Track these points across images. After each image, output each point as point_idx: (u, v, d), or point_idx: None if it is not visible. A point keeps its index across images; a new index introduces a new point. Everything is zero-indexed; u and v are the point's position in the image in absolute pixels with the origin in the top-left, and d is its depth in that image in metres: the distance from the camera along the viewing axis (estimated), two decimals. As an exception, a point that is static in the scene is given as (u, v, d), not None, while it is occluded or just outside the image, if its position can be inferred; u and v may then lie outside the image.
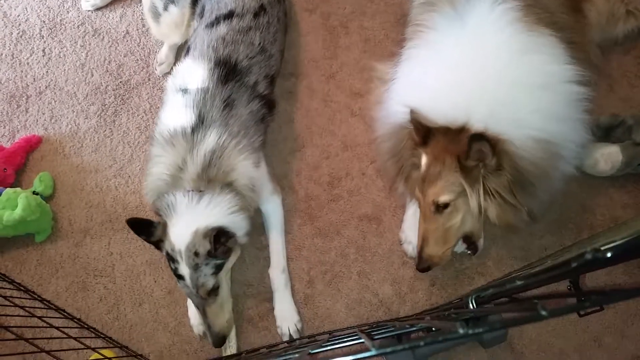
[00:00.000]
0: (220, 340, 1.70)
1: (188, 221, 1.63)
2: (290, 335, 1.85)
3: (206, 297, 1.64)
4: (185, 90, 1.82)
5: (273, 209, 1.95)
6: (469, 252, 1.79)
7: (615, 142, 1.95)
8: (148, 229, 1.65)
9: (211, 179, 1.69)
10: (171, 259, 1.63)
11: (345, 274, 1.96)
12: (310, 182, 2.11)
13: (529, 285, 0.85)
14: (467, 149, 1.49)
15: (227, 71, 1.83)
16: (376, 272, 1.96)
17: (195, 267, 1.60)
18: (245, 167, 1.76)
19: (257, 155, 1.83)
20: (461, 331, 0.72)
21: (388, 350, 0.75)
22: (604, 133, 1.99)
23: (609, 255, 0.64)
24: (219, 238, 1.60)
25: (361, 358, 0.73)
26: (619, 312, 1.84)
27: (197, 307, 1.69)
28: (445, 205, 1.62)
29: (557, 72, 1.64)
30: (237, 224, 1.70)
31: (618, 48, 2.19)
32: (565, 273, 0.70)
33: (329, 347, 0.80)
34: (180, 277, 1.63)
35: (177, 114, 1.78)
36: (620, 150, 1.90)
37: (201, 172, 1.69)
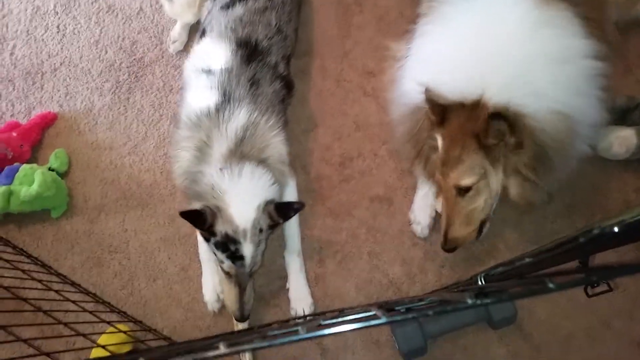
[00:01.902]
0: (247, 315, 1.72)
1: (246, 197, 1.60)
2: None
3: (252, 275, 1.66)
4: (208, 71, 1.81)
5: (289, 192, 1.95)
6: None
7: (630, 125, 1.93)
8: (201, 217, 1.57)
9: (245, 154, 1.67)
10: (231, 241, 1.58)
11: (355, 254, 1.98)
12: (322, 162, 2.12)
13: (538, 262, 0.85)
14: (486, 128, 1.48)
15: (249, 51, 1.83)
16: (386, 252, 1.97)
17: (258, 244, 1.60)
18: (278, 144, 1.78)
19: (284, 133, 1.84)
20: (469, 301, 0.73)
21: (398, 318, 0.76)
22: (620, 115, 1.97)
23: (616, 229, 0.65)
24: (289, 209, 1.61)
25: (370, 326, 0.74)
26: (629, 295, 1.84)
27: (239, 286, 1.65)
28: (468, 189, 1.62)
29: (574, 46, 1.61)
30: (276, 194, 1.69)
31: (636, 29, 2.15)
32: (574, 249, 0.71)
33: (339, 319, 0.82)
34: (239, 259, 1.60)
35: (202, 95, 1.77)
36: (635, 133, 1.88)
37: (234, 148, 1.67)
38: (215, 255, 1.65)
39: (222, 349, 0.67)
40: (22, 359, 1.63)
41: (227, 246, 1.59)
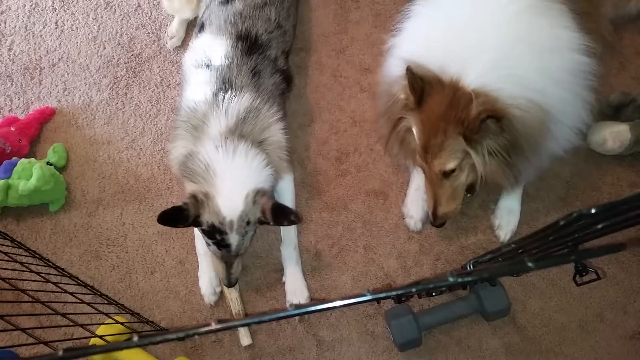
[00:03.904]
0: (234, 282, 1.78)
1: (235, 186, 1.59)
2: None
3: (238, 256, 1.70)
4: (208, 66, 1.83)
5: (286, 186, 1.97)
6: (468, 194, 1.81)
7: (624, 120, 1.95)
8: (182, 215, 1.56)
9: (244, 134, 1.68)
10: (217, 231, 1.59)
11: (351, 248, 2.00)
12: (319, 157, 2.13)
13: (523, 247, 0.87)
14: (477, 127, 1.48)
15: (249, 44, 1.86)
16: (382, 246, 1.99)
17: (244, 235, 1.62)
18: (278, 130, 1.80)
19: (284, 124, 1.87)
20: (451, 279, 0.75)
21: (382, 295, 0.78)
22: (614, 111, 1.99)
23: (593, 211, 0.67)
24: (285, 217, 1.59)
25: (357, 302, 0.76)
26: (622, 288, 1.86)
27: (225, 262, 1.70)
28: (452, 170, 1.64)
29: (564, 38, 1.61)
30: (269, 182, 1.70)
31: (631, 25, 2.17)
32: (555, 232, 0.72)
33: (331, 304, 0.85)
34: (225, 247, 1.62)
35: (202, 89, 1.79)
36: (629, 128, 1.90)
37: (234, 127, 1.68)
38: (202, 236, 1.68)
39: (214, 325, 0.69)
40: (21, 347, 1.65)
41: (213, 235, 1.61)
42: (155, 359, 1.80)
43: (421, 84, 1.54)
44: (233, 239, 1.61)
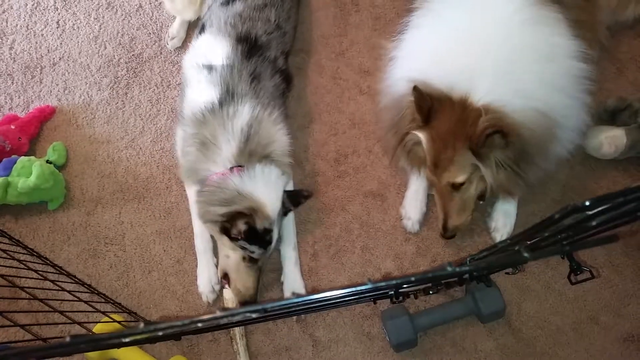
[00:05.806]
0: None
1: (272, 192, 1.72)
2: None
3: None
4: (210, 67, 1.85)
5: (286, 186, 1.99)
6: (481, 202, 1.83)
7: (620, 125, 1.96)
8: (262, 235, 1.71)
9: (252, 152, 1.76)
10: (267, 232, 1.71)
11: (349, 249, 2.01)
12: (317, 158, 2.14)
13: (518, 244, 0.89)
14: (483, 141, 1.51)
15: (249, 46, 1.88)
16: (379, 247, 2.00)
17: (280, 227, 1.78)
18: (281, 137, 1.85)
19: (286, 125, 1.91)
20: (449, 269, 0.77)
21: (382, 284, 0.80)
22: (610, 116, 2.01)
23: (587, 203, 0.69)
24: (300, 197, 1.81)
25: (358, 291, 0.78)
26: (616, 292, 1.88)
27: (259, 269, 1.79)
28: (462, 183, 1.66)
29: (562, 46, 1.65)
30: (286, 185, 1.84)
31: (628, 31, 2.20)
32: (550, 227, 0.74)
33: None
34: (269, 243, 1.73)
35: (204, 91, 1.82)
36: (625, 133, 1.92)
37: (243, 147, 1.75)
38: (241, 249, 1.72)
39: (218, 313, 0.70)
40: (18, 344, 1.66)
41: (264, 237, 1.70)
42: (152, 358, 1.81)
43: (428, 103, 1.57)
44: (275, 233, 1.74)
